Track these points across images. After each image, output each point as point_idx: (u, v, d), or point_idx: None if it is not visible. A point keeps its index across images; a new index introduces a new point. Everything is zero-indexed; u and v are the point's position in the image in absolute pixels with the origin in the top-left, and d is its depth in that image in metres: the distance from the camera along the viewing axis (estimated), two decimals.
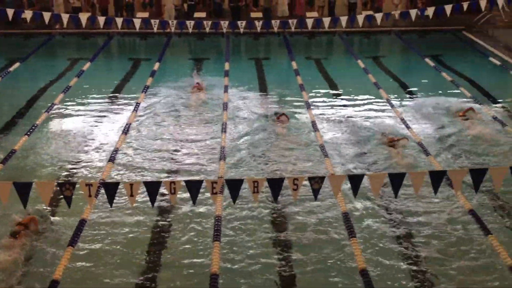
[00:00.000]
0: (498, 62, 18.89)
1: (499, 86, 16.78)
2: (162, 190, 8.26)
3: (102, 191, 7.94)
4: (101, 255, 8.71)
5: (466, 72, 18.03)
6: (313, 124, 13.51)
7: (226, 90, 16.11)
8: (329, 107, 15.04)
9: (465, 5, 17.36)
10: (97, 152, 12.31)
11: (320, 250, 8.86)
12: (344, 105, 15.17)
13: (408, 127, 13.21)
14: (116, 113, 14.75)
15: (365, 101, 15.48)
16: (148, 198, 7.86)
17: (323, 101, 15.53)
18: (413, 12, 18.07)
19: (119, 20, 18.84)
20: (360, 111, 14.70)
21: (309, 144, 12.61)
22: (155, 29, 18.52)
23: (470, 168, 8.54)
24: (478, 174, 8.13)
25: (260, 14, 23.51)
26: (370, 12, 22.10)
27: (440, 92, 15.89)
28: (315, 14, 23.30)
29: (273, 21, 18.97)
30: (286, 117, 13.88)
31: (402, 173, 8.29)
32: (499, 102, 15.31)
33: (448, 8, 17.35)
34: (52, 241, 8.97)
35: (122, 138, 12.77)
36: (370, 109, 14.83)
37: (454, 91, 15.99)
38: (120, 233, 9.29)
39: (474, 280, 8.17)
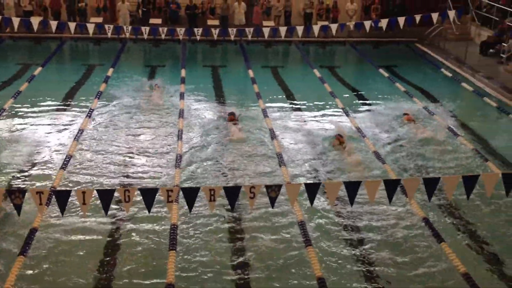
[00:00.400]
0: (449, 74, 19.43)
1: (451, 97, 17.23)
2: (116, 198, 8.06)
3: (54, 199, 7.70)
4: (53, 264, 8.48)
5: (419, 83, 18.46)
6: (271, 132, 13.53)
7: (182, 97, 15.96)
8: (286, 115, 15.09)
9: (418, 18, 17.79)
10: (49, 159, 11.95)
11: (277, 259, 8.84)
12: (301, 114, 15.24)
13: (364, 136, 13.40)
14: (68, 119, 14.37)
15: (321, 110, 15.62)
16: (101, 206, 7.66)
17: (280, 109, 15.57)
18: (367, 24, 18.39)
19: (72, 25, 18.42)
20: (316, 119, 14.81)
21: (266, 152, 12.59)
22: (109, 35, 18.18)
23: (424, 177, 8.70)
24: (431, 183, 8.31)
25: (217, 22, 23.47)
26: (326, 23, 22.40)
27: (394, 101, 16.17)
28: (271, 23, 23.44)
29: (229, 29, 18.94)
30: (235, 117, 14.16)
31: (358, 182, 8.38)
32: (451, 112, 15.71)
33: (401, 20, 17.72)
34: (2, 251, 8.67)
35: (74, 144, 12.47)
36: (326, 118, 14.95)
37: (407, 101, 16.31)
38: (72, 242, 9.06)
39: (429, 287, 8.31)
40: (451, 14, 18.70)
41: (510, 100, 16.30)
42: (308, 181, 10.95)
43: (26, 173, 11.28)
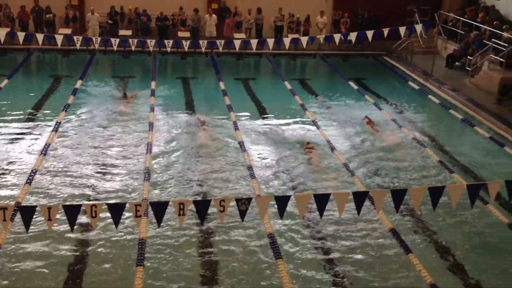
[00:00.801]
0: (416, 86, 19.78)
1: (418, 109, 17.54)
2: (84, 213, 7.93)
3: (19, 215, 7.52)
4: (20, 281, 8.32)
5: (387, 95, 18.72)
6: (241, 144, 13.53)
7: (152, 110, 15.85)
8: (257, 128, 15.09)
9: (386, 31, 18.11)
10: (14, 173, 11.67)
11: (247, 272, 8.81)
12: (272, 126, 15.28)
13: (332, 148, 13.51)
14: (35, 132, 14.10)
15: (292, 122, 15.69)
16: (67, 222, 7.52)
17: (251, 122, 15.59)
18: (337, 37, 18.63)
19: (39, 36, 18.17)
20: (287, 131, 14.84)
21: (237, 164, 12.57)
22: (77, 46, 17.99)
23: (391, 189, 8.81)
24: (398, 195, 8.42)
25: (187, 34, 23.46)
26: (297, 36, 22.60)
27: (363, 113, 16.34)
28: (242, 35, 23.53)
29: (200, 41, 18.95)
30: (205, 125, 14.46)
31: (327, 194, 8.45)
32: (418, 124, 15.96)
33: (369, 34, 18.02)
34: None
35: (40, 159, 12.22)
36: (297, 130, 15.01)
37: (376, 113, 16.51)
38: (38, 258, 8.86)
39: None
40: (418, 28, 19.11)
41: (475, 112, 16.67)
42: (279, 194, 10.99)
43: None
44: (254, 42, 18.75)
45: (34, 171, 11.58)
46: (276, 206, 8.18)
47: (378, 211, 9.17)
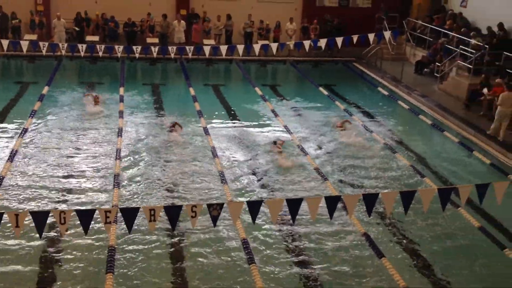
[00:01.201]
0: (386, 92, 20.00)
1: (388, 114, 17.71)
2: (51, 219, 7.71)
3: None
4: None
5: (357, 101, 18.87)
6: (212, 149, 13.41)
7: (121, 116, 15.61)
8: (228, 133, 15.00)
9: (355, 38, 18.26)
10: None
11: (220, 278, 8.70)
12: (243, 131, 15.19)
13: (306, 153, 13.52)
14: (1, 139, 13.70)
15: (263, 127, 15.64)
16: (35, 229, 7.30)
17: (222, 127, 15.48)
18: (307, 43, 18.70)
19: (4, 42, 17.75)
20: (258, 136, 14.77)
21: (208, 170, 12.45)
22: (44, 52, 17.62)
23: (363, 193, 8.82)
24: (370, 199, 8.43)
25: (156, 40, 23.25)
26: (266, 42, 22.62)
27: (333, 119, 16.42)
28: (212, 41, 23.45)
29: (169, 47, 18.79)
30: (180, 126, 14.57)
31: (299, 198, 8.42)
32: (388, 130, 16.11)
33: (339, 41, 18.12)
34: None
35: (7, 166, 11.92)
36: (268, 135, 14.96)
37: (346, 118, 16.58)
38: (5, 265, 8.62)
39: None
40: (387, 34, 19.37)
41: (444, 117, 16.92)
42: (251, 199, 10.91)
43: None
44: (223, 48, 18.69)
45: (1, 177, 11.29)
46: (248, 211, 8.11)
47: (350, 216, 9.19)
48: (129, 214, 7.72)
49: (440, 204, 8.54)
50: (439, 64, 20.11)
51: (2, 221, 7.22)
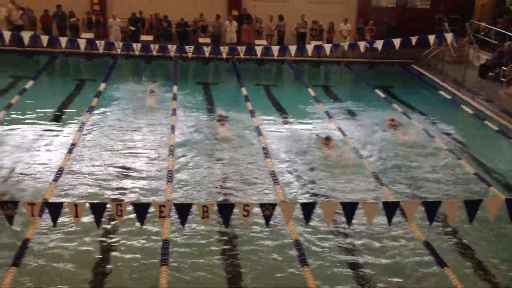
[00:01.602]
0: (448, 96, 19.35)
1: (451, 119, 17.08)
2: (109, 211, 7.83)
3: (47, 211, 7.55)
4: (45, 276, 8.29)
5: (417, 104, 18.26)
6: (264, 150, 13.31)
7: (174, 113, 15.74)
8: (280, 133, 14.88)
9: (414, 40, 17.71)
10: (41, 171, 11.66)
11: (271, 278, 8.57)
12: (295, 132, 15.04)
13: (361, 157, 13.22)
14: (60, 133, 14.11)
15: (316, 128, 15.39)
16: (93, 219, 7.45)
17: (274, 127, 15.36)
18: (362, 44, 18.36)
19: (63, 40, 18.25)
20: (310, 137, 14.55)
21: (260, 170, 12.34)
22: (100, 50, 18.02)
23: (424, 201, 8.49)
24: (431, 207, 8.09)
25: (208, 40, 23.41)
26: (319, 43, 22.39)
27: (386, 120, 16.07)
28: (264, 42, 23.40)
29: (221, 47, 18.86)
30: (224, 120, 15.01)
31: (355, 203, 8.17)
32: (451, 135, 15.55)
33: (396, 42, 17.68)
34: None
35: (66, 158, 12.26)
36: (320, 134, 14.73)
37: (405, 122, 16.14)
38: (65, 254, 8.81)
39: None
40: (448, 37, 18.70)
41: (510, 123, 16.15)
42: (303, 200, 10.74)
43: (18, 185, 10.99)
44: (275, 49, 18.59)
45: (60, 169, 11.60)
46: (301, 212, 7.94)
47: (410, 223, 8.88)
48: (183, 210, 7.71)
49: (508, 214, 8.08)
50: (505, 68, 19.25)
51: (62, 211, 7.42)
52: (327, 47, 19.08)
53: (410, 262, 9.15)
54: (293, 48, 18.82)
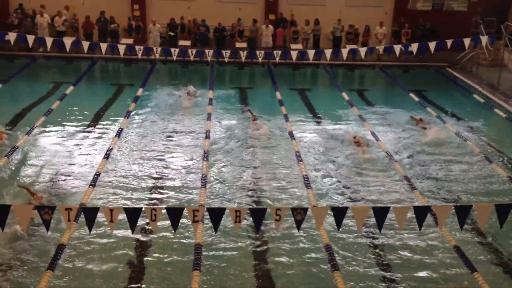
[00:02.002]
0: (482, 100, 19.09)
1: (484, 122, 16.88)
2: (143, 216, 8.06)
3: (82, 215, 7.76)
4: (80, 280, 8.52)
5: (451, 108, 18.16)
6: (297, 154, 13.45)
7: (209, 118, 16.02)
8: (313, 138, 14.98)
9: (449, 43, 17.56)
10: (78, 176, 12.02)
11: (302, 283, 8.68)
12: (328, 136, 15.11)
13: (394, 160, 13.23)
14: (98, 137, 14.49)
15: (350, 131, 15.43)
16: (128, 224, 7.66)
17: (307, 132, 15.47)
18: (397, 48, 18.26)
19: (103, 46, 18.76)
20: (344, 142, 14.61)
21: (292, 174, 12.49)
22: (139, 55, 18.46)
23: (455, 205, 8.48)
24: (462, 211, 8.08)
25: (244, 45, 23.66)
26: (355, 46, 22.36)
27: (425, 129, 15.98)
28: (299, 46, 23.50)
29: (257, 52, 19.06)
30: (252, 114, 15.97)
31: (386, 207, 8.22)
32: (484, 138, 15.39)
33: (432, 45, 17.52)
34: (31, 265, 8.76)
35: (103, 162, 12.57)
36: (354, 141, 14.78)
37: (439, 126, 16.07)
38: (99, 258, 9.06)
39: None
40: (484, 39, 18.42)
41: None
42: (335, 204, 10.84)
43: (55, 190, 11.36)
44: (311, 53, 18.68)
45: (97, 173, 11.90)
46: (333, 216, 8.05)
47: (440, 227, 8.87)
48: (216, 214, 7.89)
49: None
50: None
51: (97, 216, 7.65)
52: (362, 50, 19.05)
53: (440, 266, 9.16)
54: (328, 52, 18.86)
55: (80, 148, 13.68)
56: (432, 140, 14.40)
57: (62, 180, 11.82)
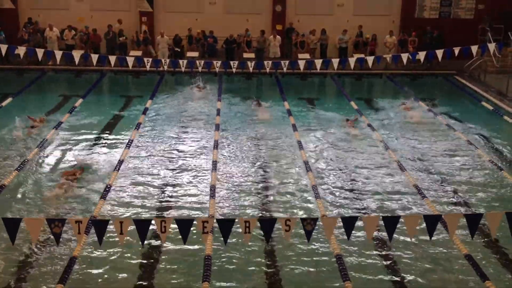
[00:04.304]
0: (490, 107, 19.02)
1: (493, 130, 16.76)
2: (153, 227, 8.09)
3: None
4: None
5: (459, 116, 18.08)
6: (305, 164, 13.44)
7: (217, 129, 16.07)
8: (322, 147, 14.96)
9: (457, 51, 17.52)
10: (89, 188, 12.06)
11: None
12: (336, 145, 15.09)
13: (403, 169, 13.19)
14: (108, 150, 14.56)
15: (359, 142, 15.40)
16: (138, 236, 7.67)
17: (315, 141, 15.45)
18: (405, 56, 18.24)
19: (112, 58, 18.90)
20: (353, 152, 14.60)
21: (301, 184, 12.47)
22: (148, 67, 18.58)
23: (465, 213, 8.44)
24: (473, 219, 8.03)
25: (252, 55, 23.76)
26: (362, 55, 22.37)
27: (435, 134, 15.96)
28: (306, 56, 23.56)
29: (265, 62, 19.12)
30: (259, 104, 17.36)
31: (396, 216, 8.21)
32: (493, 146, 15.31)
33: (439, 53, 17.49)
34: (42, 278, 8.79)
35: (114, 174, 12.63)
36: (364, 151, 14.75)
37: (449, 134, 16.04)
38: (109, 270, 9.09)
39: None
40: (491, 47, 18.37)
41: None
42: (345, 214, 10.82)
43: (65, 202, 11.38)
44: (318, 62, 18.72)
45: (108, 186, 11.96)
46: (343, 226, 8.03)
47: (451, 236, 8.82)
48: (225, 225, 7.89)
49: None
50: None
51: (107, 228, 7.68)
52: (370, 59, 19.04)
53: (452, 275, 9.12)
54: (335, 62, 18.88)
55: (91, 160, 13.66)
56: (445, 152, 14.29)
57: (72, 192, 11.82)
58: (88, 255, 9.43)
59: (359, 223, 8.12)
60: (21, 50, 17.28)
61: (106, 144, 15.02)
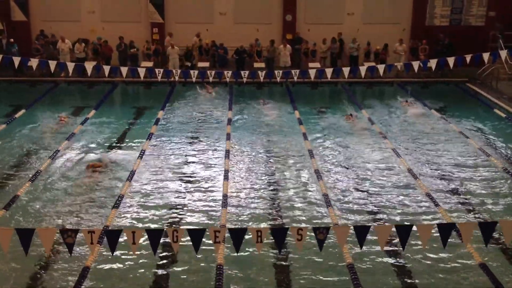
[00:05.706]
0: (503, 114, 18.88)
1: (506, 137, 16.66)
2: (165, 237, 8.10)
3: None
4: None
5: (472, 123, 18.01)
6: (316, 172, 13.40)
7: (228, 138, 16.09)
8: (333, 156, 14.94)
9: (468, 58, 17.42)
10: (102, 198, 12.13)
11: None
12: (348, 154, 15.06)
13: (415, 177, 13.13)
14: (121, 160, 14.61)
15: (371, 151, 15.36)
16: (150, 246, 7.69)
17: (327, 150, 15.43)
18: (416, 64, 18.17)
19: (123, 69, 19.02)
20: (365, 160, 14.57)
21: (312, 192, 12.44)
22: (159, 78, 18.66)
23: (479, 222, 8.36)
24: (487, 227, 7.96)
25: (263, 65, 23.80)
26: (373, 64, 22.31)
27: (447, 142, 15.87)
28: (317, 65, 23.55)
29: (276, 71, 19.14)
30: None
31: (409, 225, 8.14)
32: (505, 153, 15.19)
33: (451, 61, 17.39)
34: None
35: (127, 184, 12.69)
36: (374, 158, 14.71)
37: (462, 142, 15.94)
38: (122, 280, 9.15)
39: None
40: (503, 53, 18.26)
41: None
42: (357, 223, 10.77)
43: (79, 213, 11.47)
44: (329, 71, 18.70)
45: (121, 196, 12.01)
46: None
47: (466, 244, 8.74)
48: (237, 235, 7.88)
49: None
50: None
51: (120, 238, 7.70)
52: (381, 68, 18.99)
53: (464, 282, 9.06)
54: (346, 70, 18.85)
55: (103, 171, 13.73)
56: (457, 160, 14.25)
57: (85, 203, 11.92)
58: (101, 265, 9.45)
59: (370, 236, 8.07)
60: (33, 62, 17.45)
61: (118, 154, 15.05)
